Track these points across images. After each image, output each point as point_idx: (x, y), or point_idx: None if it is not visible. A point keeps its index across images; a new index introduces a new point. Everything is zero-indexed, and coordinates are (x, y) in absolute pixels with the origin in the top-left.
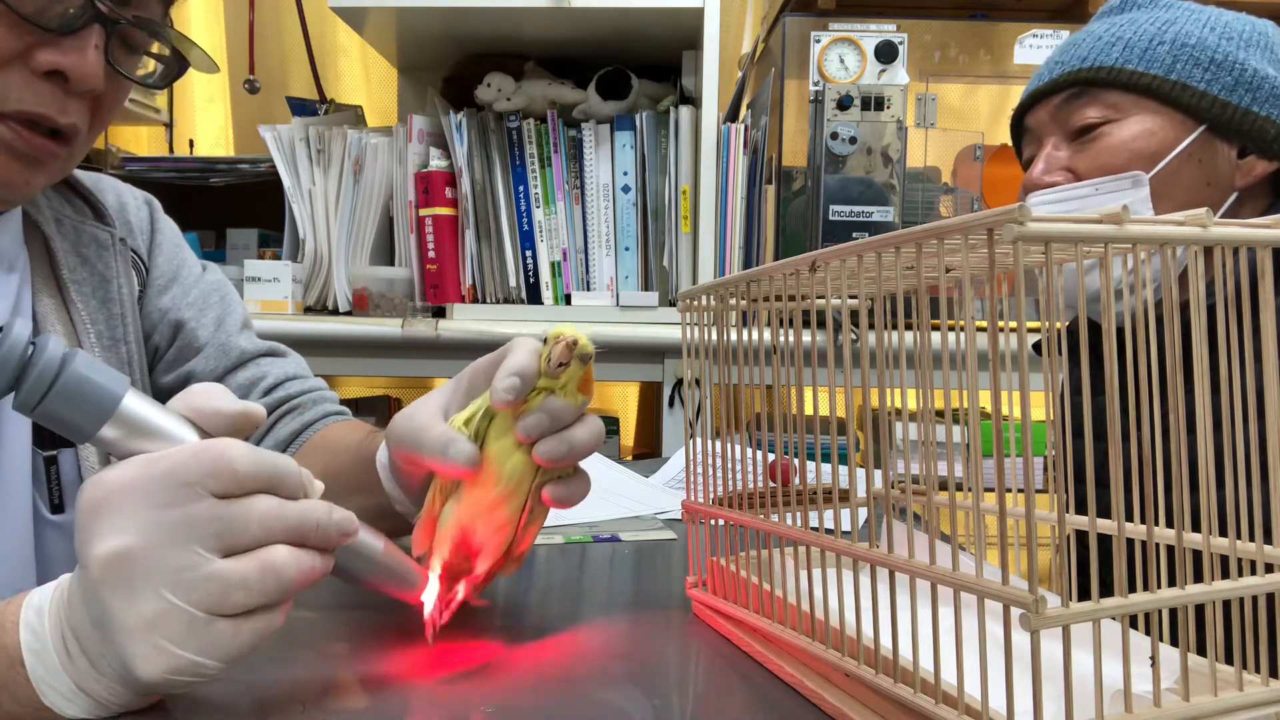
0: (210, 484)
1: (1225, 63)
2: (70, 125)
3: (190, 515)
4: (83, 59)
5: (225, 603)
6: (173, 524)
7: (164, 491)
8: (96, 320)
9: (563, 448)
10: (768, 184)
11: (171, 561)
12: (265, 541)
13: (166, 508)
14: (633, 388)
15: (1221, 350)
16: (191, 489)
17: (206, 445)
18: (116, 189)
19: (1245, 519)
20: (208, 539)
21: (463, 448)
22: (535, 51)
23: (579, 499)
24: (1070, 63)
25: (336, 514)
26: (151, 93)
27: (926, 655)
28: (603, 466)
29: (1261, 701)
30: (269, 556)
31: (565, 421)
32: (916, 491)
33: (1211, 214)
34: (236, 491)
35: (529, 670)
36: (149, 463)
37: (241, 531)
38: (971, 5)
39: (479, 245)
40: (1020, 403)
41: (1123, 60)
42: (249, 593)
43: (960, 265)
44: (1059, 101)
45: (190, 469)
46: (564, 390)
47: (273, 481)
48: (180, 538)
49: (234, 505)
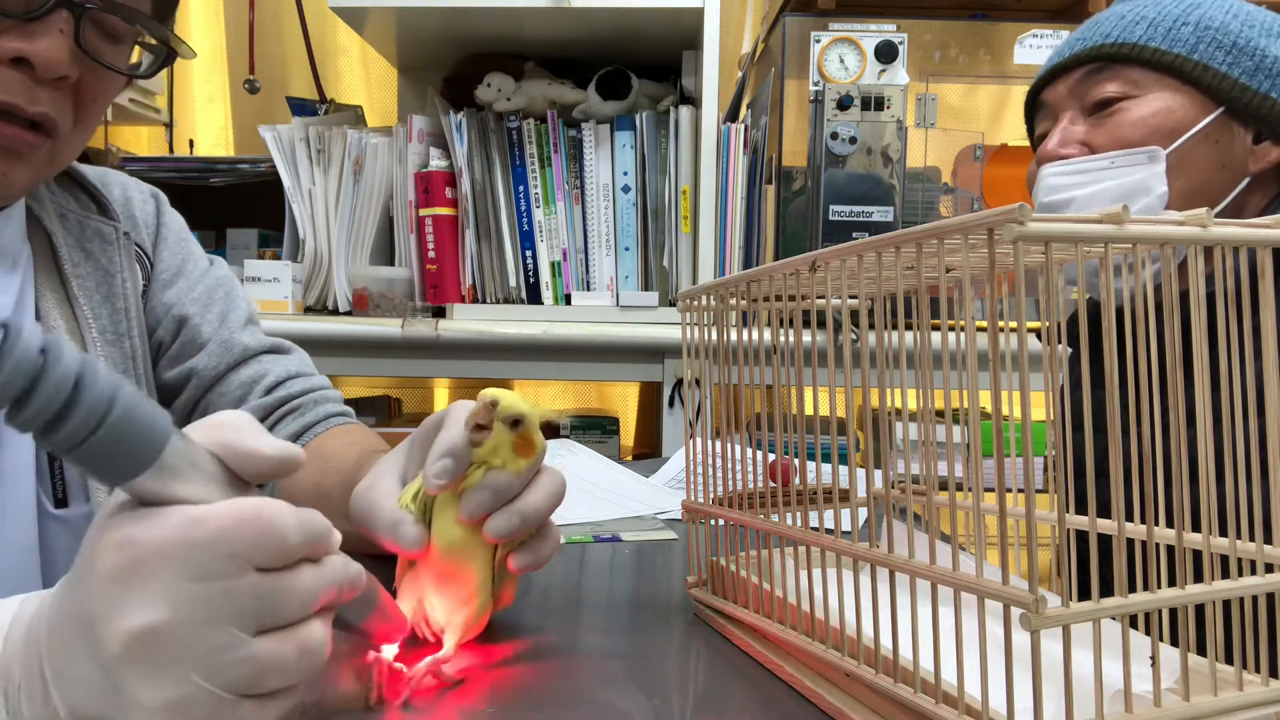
0: (256, 557)
1: (1247, 48)
2: (42, 114)
3: (231, 591)
4: (46, 44)
5: (258, 686)
6: (211, 599)
7: (205, 562)
8: (100, 315)
9: (514, 520)
10: (768, 184)
11: (205, 642)
12: (302, 616)
13: (205, 581)
14: (633, 388)
15: (1221, 348)
16: (235, 561)
17: (255, 512)
18: (123, 183)
19: (1245, 516)
20: (246, 618)
21: (407, 531)
22: (535, 51)
23: (546, 559)
24: (1092, 39)
25: (352, 570)
26: (151, 93)
27: (926, 655)
28: (603, 466)
29: (1261, 701)
30: (307, 637)
31: (511, 494)
32: (916, 491)
33: (1211, 213)
34: (282, 563)
35: (529, 670)
36: (188, 525)
37: (283, 610)
38: (971, 5)
39: (479, 245)
40: (1020, 402)
41: (1146, 38)
42: (284, 676)
43: (960, 265)
44: (1079, 76)
45: (237, 540)
46: (500, 458)
47: (315, 547)
48: (217, 616)
49: (278, 581)
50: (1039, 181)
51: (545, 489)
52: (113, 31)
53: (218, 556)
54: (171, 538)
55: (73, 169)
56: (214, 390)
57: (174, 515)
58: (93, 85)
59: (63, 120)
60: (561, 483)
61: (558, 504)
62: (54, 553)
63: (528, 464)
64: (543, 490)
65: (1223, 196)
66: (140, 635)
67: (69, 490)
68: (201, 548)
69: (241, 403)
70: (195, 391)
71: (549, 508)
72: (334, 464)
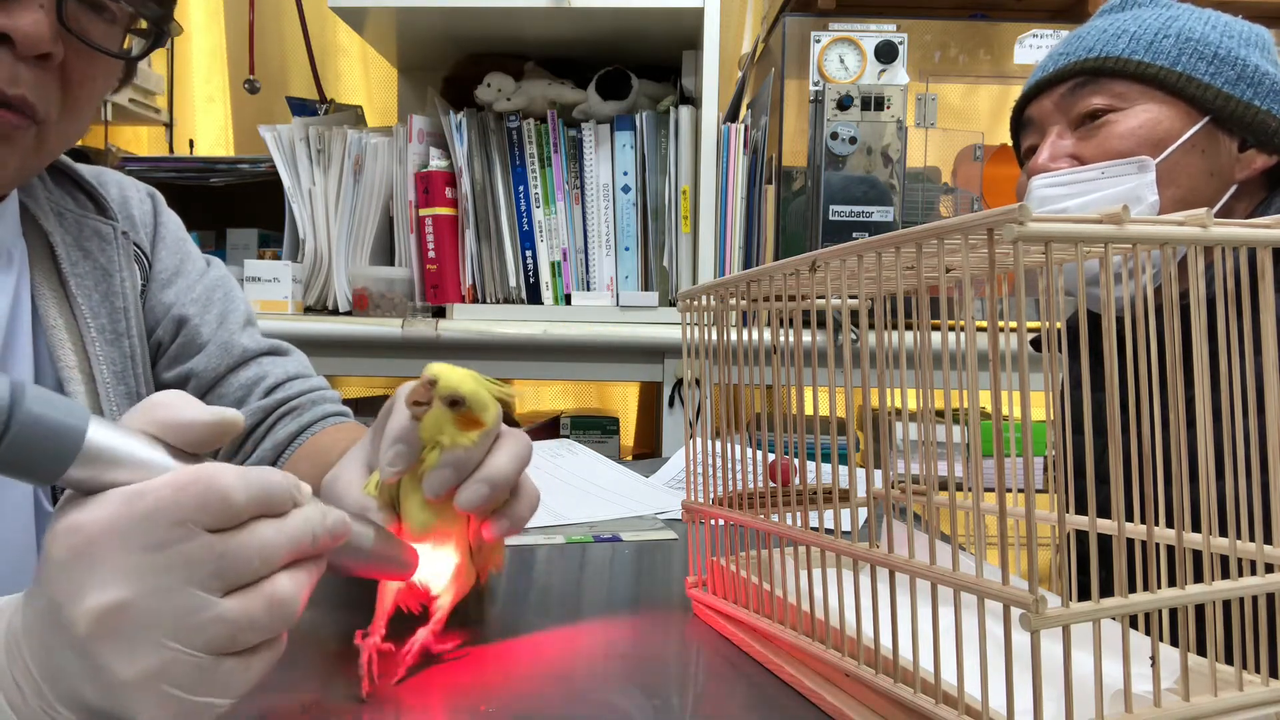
0: (203, 519)
1: (1228, 58)
2: (20, 97)
3: (185, 555)
4: (26, 20)
5: (233, 643)
6: (167, 567)
7: (152, 532)
8: (99, 314)
9: (482, 490)
10: (768, 184)
11: (172, 608)
12: (267, 572)
13: (157, 550)
14: (633, 388)
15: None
16: (183, 526)
17: (193, 476)
18: (120, 182)
19: (1245, 516)
20: (207, 579)
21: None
22: (535, 51)
23: (525, 520)
24: (1075, 53)
25: (329, 519)
26: (151, 93)
27: (926, 655)
28: (603, 466)
29: (1261, 701)
30: (273, 590)
31: (471, 465)
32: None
33: (1211, 213)
34: (231, 523)
35: (529, 670)
36: (127, 500)
37: (244, 568)
38: (971, 5)
39: (479, 245)
40: (1020, 403)
41: (1129, 51)
42: (257, 631)
43: (960, 265)
44: (1064, 91)
45: (180, 505)
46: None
47: (265, 503)
48: (178, 581)
49: (231, 539)
50: (1029, 194)
51: (508, 452)
52: (99, 6)
53: (164, 524)
54: (114, 515)
55: (69, 168)
56: (213, 392)
57: (114, 495)
58: (80, 67)
59: (47, 104)
60: (526, 443)
61: (524, 465)
62: None
63: (478, 435)
64: (506, 453)
65: (1212, 204)
66: (105, 612)
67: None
68: (147, 519)
69: (241, 404)
70: (194, 393)
71: (515, 470)
72: (331, 457)
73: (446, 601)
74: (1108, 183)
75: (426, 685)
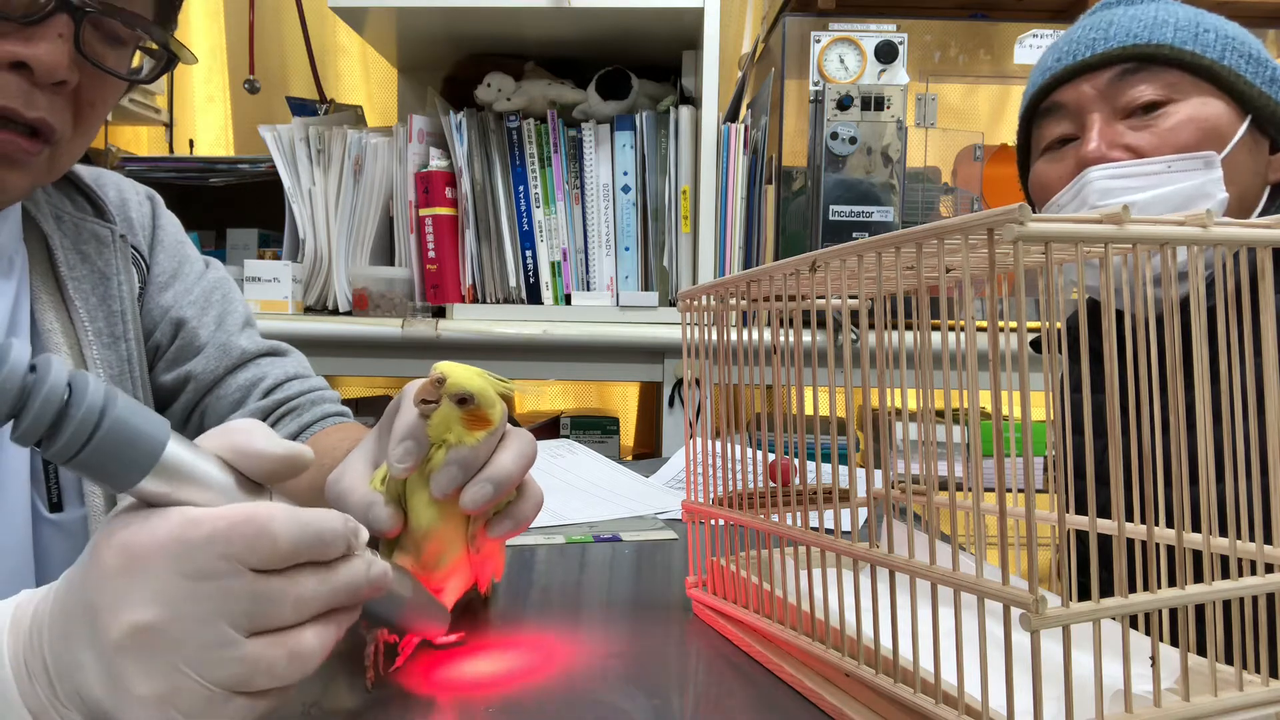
0: (249, 559)
1: (1260, 58)
2: (39, 120)
3: (224, 591)
4: (45, 49)
5: (247, 685)
6: (206, 597)
7: (199, 561)
8: (96, 318)
9: (486, 489)
10: (768, 184)
11: (198, 638)
12: (297, 620)
13: (201, 580)
14: (633, 388)
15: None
16: (229, 562)
17: (249, 515)
18: (118, 184)
19: (1245, 516)
20: (239, 617)
21: (379, 512)
22: (535, 51)
23: (529, 520)
24: (1115, 38)
25: (374, 570)
26: (151, 93)
27: (926, 655)
28: (603, 466)
29: (1261, 701)
30: (298, 644)
31: (477, 464)
32: (916, 491)
33: (1212, 214)
34: (276, 566)
35: (529, 670)
36: (185, 525)
37: (275, 615)
38: (971, 5)
39: (479, 245)
40: (1020, 403)
41: (1179, 40)
42: (272, 678)
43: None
44: (1110, 76)
45: (230, 541)
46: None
47: (316, 551)
48: (211, 613)
49: (271, 583)
50: (1087, 185)
51: (513, 451)
52: (113, 35)
53: (212, 556)
54: (170, 537)
55: (68, 170)
56: (212, 393)
57: (173, 515)
58: (92, 90)
59: (61, 126)
60: (531, 443)
61: (529, 464)
62: (48, 556)
63: (485, 434)
64: (511, 453)
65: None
66: (140, 629)
67: (64, 494)
68: (197, 547)
69: (240, 406)
70: (193, 395)
71: (520, 469)
72: (330, 459)
73: (445, 597)
74: (1175, 177)
75: (427, 685)
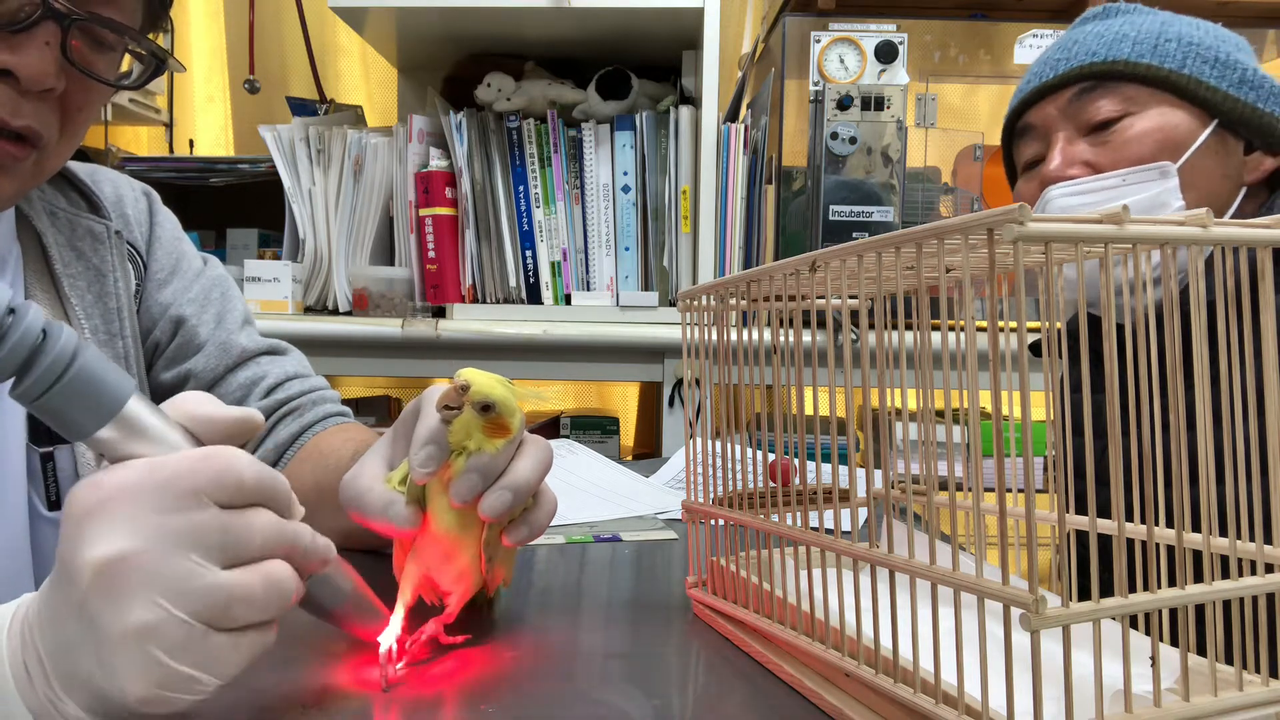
0: (215, 493)
1: (1228, 61)
2: (26, 127)
3: (194, 523)
4: (32, 57)
5: (226, 615)
6: (175, 531)
7: (167, 497)
8: (92, 315)
9: (505, 497)
10: (768, 184)
11: (171, 569)
12: (265, 556)
13: (169, 514)
14: (633, 388)
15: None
16: (196, 497)
17: (213, 453)
18: (114, 181)
19: (1245, 516)
20: (211, 549)
21: (399, 511)
22: (535, 51)
23: (544, 528)
24: (1076, 58)
25: (319, 540)
26: (151, 93)
27: (926, 655)
28: (603, 466)
29: (1261, 701)
30: (271, 570)
31: (496, 472)
32: (916, 491)
33: (1212, 214)
34: (239, 502)
35: (529, 670)
36: (151, 468)
37: (246, 544)
38: (971, 5)
39: (479, 245)
40: (1020, 403)
41: (1135, 55)
42: (251, 607)
43: (960, 265)
44: (1070, 96)
45: (196, 476)
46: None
47: (272, 496)
48: (182, 545)
49: (238, 516)
50: (1046, 204)
51: (531, 459)
52: (101, 41)
53: (179, 492)
54: (136, 478)
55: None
56: (212, 392)
57: (136, 463)
58: (79, 95)
59: (48, 132)
60: (548, 451)
61: (546, 472)
62: (46, 555)
63: (505, 441)
64: (529, 461)
65: (1227, 206)
66: (109, 563)
67: (62, 493)
68: (164, 484)
69: (240, 404)
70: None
71: (538, 477)
72: (332, 460)
73: (457, 598)
74: (1130, 190)
75: (427, 685)
